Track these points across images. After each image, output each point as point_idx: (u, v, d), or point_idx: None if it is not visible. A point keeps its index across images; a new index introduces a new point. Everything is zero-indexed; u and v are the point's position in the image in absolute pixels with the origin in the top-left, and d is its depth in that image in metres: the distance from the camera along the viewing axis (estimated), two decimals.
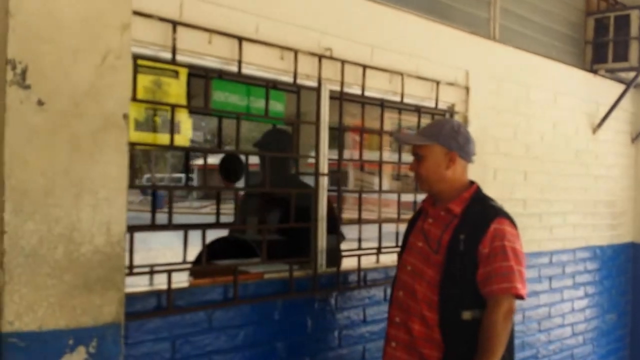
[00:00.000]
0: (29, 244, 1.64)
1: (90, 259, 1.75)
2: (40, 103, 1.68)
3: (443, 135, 2.33)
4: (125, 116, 1.83)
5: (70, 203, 1.71)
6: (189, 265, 2.46)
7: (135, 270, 2.18)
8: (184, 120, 2.38)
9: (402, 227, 3.11)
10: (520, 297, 2.22)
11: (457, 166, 2.35)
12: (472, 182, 2.41)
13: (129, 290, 2.16)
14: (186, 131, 2.39)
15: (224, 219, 3.03)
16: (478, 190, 2.39)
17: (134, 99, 2.16)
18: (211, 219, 2.85)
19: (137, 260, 2.20)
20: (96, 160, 1.76)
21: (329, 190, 2.86)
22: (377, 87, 3.04)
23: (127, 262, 2.11)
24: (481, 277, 2.21)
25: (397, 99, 3.14)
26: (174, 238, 2.56)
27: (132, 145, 2.16)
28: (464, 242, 2.24)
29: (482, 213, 2.29)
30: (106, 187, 1.78)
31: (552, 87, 4.40)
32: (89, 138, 1.75)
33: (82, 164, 1.74)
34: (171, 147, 2.27)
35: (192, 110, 2.44)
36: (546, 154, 4.38)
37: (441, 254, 2.27)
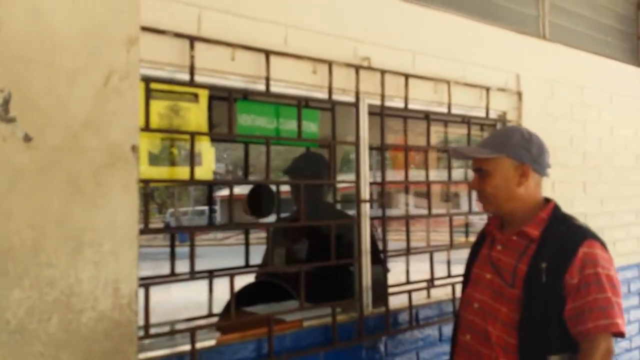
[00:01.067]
0: (16, 316, 1.30)
1: (93, 329, 1.41)
2: (27, 139, 1.35)
3: (512, 145, 1.95)
4: (135, 148, 1.49)
5: (66, 261, 1.38)
6: (215, 320, 2.11)
7: (152, 330, 1.84)
8: (206, 149, 2.05)
9: (457, 255, 2.74)
10: (621, 335, 1.81)
11: (530, 181, 1.97)
12: (547, 200, 2.03)
13: (145, 356, 1.84)
14: (208, 162, 2.06)
15: (252, 250, 2.71)
16: (556, 209, 2.00)
17: (147, 128, 1.83)
18: (237, 252, 2.47)
19: (154, 317, 1.87)
20: (99, 205, 1.43)
21: (371, 218, 2.50)
22: (421, 97, 2.68)
23: (141, 322, 1.78)
24: (570, 313, 1.81)
25: (444, 110, 2.77)
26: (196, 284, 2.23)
27: (146, 182, 1.84)
28: (546, 271, 1.85)
29: (566, 236, 1.90)
30: (112, 237, 1.45)
31: (607, 87, 3.97)
32: (90, 178, 1.42)
33: (81, 210, 1.40)
34: (191, 181, 1.93)
35: (215, 138, 2.11)
36: (605, 161, 3.95)
37: (518, 287, 1.89)
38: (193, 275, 1.94)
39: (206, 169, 2.04)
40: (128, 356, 1.46)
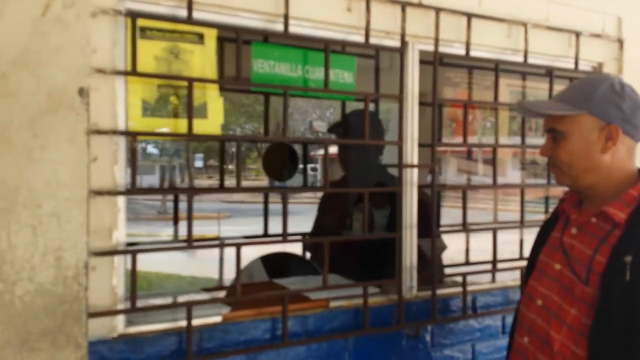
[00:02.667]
0: None
1: (30, 304, 1.20)
2: None
3: (598, 99, 1.49)
4: (84, 92, 1.25)
5: None
6: (221, 294, 1.86)
7: (139, 303, 1.62)
8: (213, 99, 1.77)
9: (528, 235, 2.29)
10: None
11: (619, 147, 1.49)
12: None
13: (136, 330, 1.63)
14: (216, 114, 1.78)
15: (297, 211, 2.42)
16: None
17: (133, 72, 1.58)
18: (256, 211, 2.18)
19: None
20: (35, 160, 1.20)
21: (421, 187, 2.12)
22: (490, 43, 2.21)
23: (121, 293, 1.57)
24: None
25: (519, 59, 2.28)
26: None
27: (133, 135, 1.60)
28: (631, 267, 1.40)
29: None
30: (54, 197, 1.22)
31: None
32: (24, 127, 1.19)
33: (12, 165, 1.18)
34: (190, 136, 1.66)
35: (225, 87, 1.82)
36: None
37: (593, 285, 1.45)
38: (190, 243, 1.69)
39: (213, 122, 1.77)
40: (75, 337, 1.25)
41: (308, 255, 2.68)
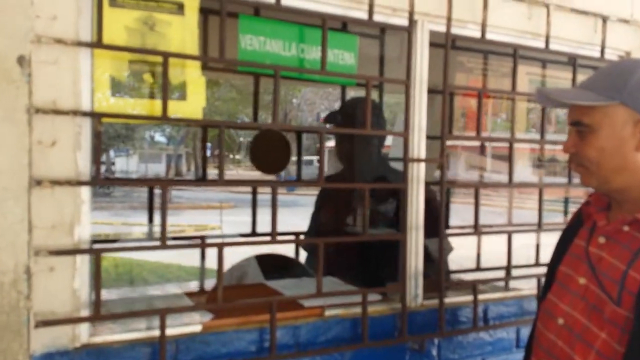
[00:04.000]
0: None
1: None
2: None
3: (632, 88, 1.26)
4: (24, 62, 1.04)
5: None
6: (201, 300, 1.65)
7: (104, 310, 1.41)
8: (193, 79, 1.56)
9: (546, 239, 2.08)
10: None
11: None
12: None
13: (96, 340, 1.43)
14: (197, 96, 1.57)
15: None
16: None
17: (99, 44, 1.37)
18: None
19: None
20: None
21: (428, 184, 1.90)
22: (508, 25, 1.99)
23: (85, 298, 1.37)
24: None
25: (540, 44, 2.06)
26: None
27: (97, 117, 1.39)
28: None
29: None
30: None
31: None
32: None
33: None
34: (165, 118, 1.44)
35: (207, 66, 1.61)
36: None
37: (626, 305, 1.23)
38: (164, 242, 1.47)
39: (193, 105, 1.55)
40: (13, 354, 1.04)
41: (304, 255, 2.47)
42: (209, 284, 2.11)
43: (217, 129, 1.65)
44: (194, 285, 2.17)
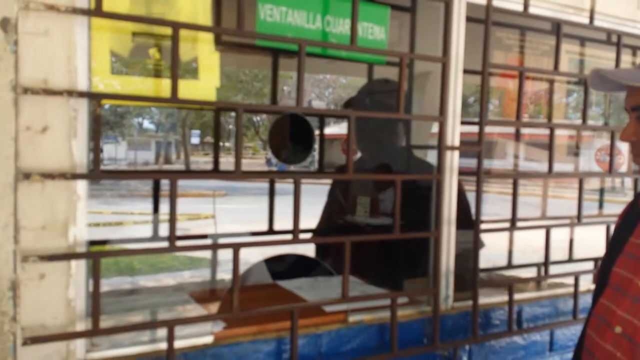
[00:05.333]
0: None
1: None
2: None
3: None
4: (7, 25, 0.83)
5: None
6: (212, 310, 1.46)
7: (104, 322, 1.23)
8: (206, 55, 1.35)
9: (586, 233, 1.92)
10: None
11: None
12: None
13: (94, 357, 1.24)
14: (210, 75, 1.36)
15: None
16: None
17: (99, 12, 1.16)
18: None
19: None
20: None
21: (462, 173, 1.72)
22: None
23: (81, 308, 1.18)
24: None
25: (583, 19, 1.87)
26: None
27: (96, 98, 1.18)
28: None
29: None
30: None
31: None
32: None
33: None
34: (175, 100, 1.24)
35: (222, 41, 1.40)
36: None
37: None
38: (173, 244, 1.28)
39: (206, 85, 1.35)
40: None
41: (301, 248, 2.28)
42: (203, 274, 1.93)
43: (205, 116, 1.44)
44: (187, 276, 1.98)
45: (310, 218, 2.13)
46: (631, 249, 1.28)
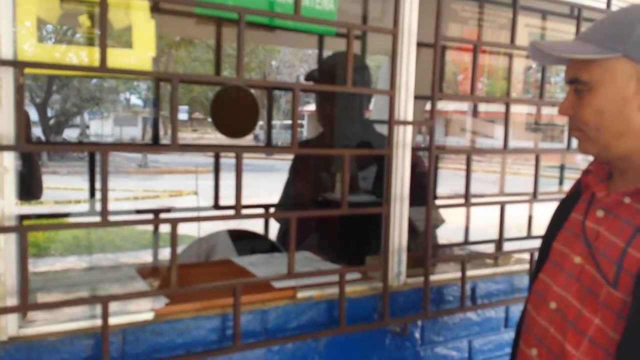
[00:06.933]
0: None
1: None
2: None
3: (638, 37, 1.06)
4: None
5: None
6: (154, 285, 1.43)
7: (43, 298, 1.20)
8: (141, 22, 1.30)
9: (540, 211, 1.91)
10: None
11: None
12: None
13: (27, 332, 1.22)
14: (144, 42, 1.31)
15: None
16: None
17: None
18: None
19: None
20: None
21: (415, 149, 1.69)
22: None
23: (11, 284, 1.15)
24: None
25: None
26: None
27: (19, 66, 1.13)
28: None
29: None
30: None
31: None
32: None
33: None
34: (103, 69, 1.19)
35: (157, 7, 1.35)
36: None
37: (624, 288, 1.06)
38: (105, 218, 1.24)
39: (139, 53, 1.30)
40: None
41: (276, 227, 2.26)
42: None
43: (193, 91, 1.39)
44: (167, 253, 1.96)
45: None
46: (570, 224, 1.27)
